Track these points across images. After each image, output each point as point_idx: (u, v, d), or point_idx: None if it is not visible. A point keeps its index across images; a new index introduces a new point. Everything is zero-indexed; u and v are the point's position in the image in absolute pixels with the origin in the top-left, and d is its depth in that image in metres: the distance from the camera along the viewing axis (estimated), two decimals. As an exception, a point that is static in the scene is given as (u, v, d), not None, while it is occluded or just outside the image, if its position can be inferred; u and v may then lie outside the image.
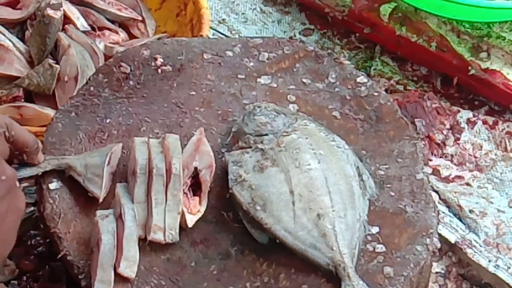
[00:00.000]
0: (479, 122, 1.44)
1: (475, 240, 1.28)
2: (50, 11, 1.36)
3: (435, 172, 1.37)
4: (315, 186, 1.01)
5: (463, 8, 1.45)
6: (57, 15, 1.36)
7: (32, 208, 1.18)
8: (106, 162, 1.05)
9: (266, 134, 1.06)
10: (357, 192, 1.02)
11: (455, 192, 1.34)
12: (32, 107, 1.35)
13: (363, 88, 1.17)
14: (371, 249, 1.01)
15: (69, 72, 1.36)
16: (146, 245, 1.01)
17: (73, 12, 1.43)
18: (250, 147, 1.05)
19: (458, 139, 1.42)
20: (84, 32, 1.42)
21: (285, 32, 1.62)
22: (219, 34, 1.60)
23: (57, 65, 1.36)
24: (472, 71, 1.48)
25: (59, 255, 1.02)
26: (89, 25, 1.45)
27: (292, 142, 1.05)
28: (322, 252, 0.98)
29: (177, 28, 1.50)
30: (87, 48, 1.39)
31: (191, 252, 1.01)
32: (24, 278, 1.13)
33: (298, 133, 1.06)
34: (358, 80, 1.18)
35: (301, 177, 1.01)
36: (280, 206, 1.00)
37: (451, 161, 1.39)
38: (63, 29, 1.41)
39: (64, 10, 1.39)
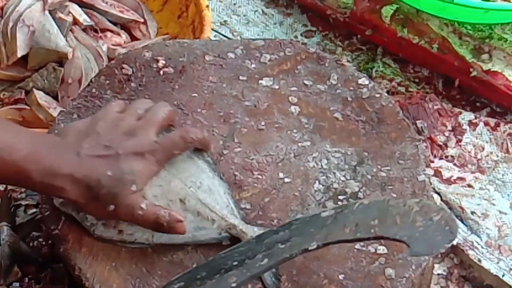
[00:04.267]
0: (481, 124, 1.44)
1: (477, 242, 1.28)
2: (61, 14, 1.37)
3: (437, 173, 1.37)
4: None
5: (465, 10, 1.45)
6: (68, 18, 1.38)
7: (34, 210, 1.18)
8: None
9: None
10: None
11: (457, 194, 1.34)
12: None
13: (364, 89, 1.17)
14: (372, 250, 1.01)
15: (73, 74, 1.36)
16: (148, 247, 1.01)
17: (76, 10, 1.43)
18: None
19: (460, 140, 1.42)
20: (86, 27, 1.43)
21: (286, 33, 1.62)
22: (221, 36, 1.61)
23: (61, 68, 1.36)
24: (474, 73, 1.48)
25: (61, 257, 1.02)
26: (91, 26, 1.45)
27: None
28: (208, 228, 0.99)
29: (179, 29, 1.50)
30: (92, 51, 1.40)
31: (193, 254, 1.01)
32: (26, 280, 1.13)
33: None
34: (359, 81, 1.18)
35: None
36: None
37: (453, 162, 1.39)
38: (70, 30, 1.41)
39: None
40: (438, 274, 1.27)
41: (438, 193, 1.34)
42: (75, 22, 1.42)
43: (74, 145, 0.97)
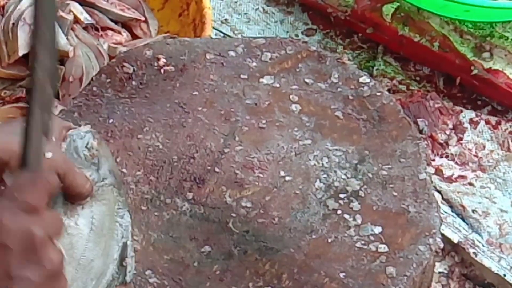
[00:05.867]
0: (482, 122, 1.44)
1: (478, 240, 1.28)
2: (62, 13, 1.37)
3: (438, 172, 1.37)
4: (68, 253, 0.91)
5: (466, 8, 1.45)
6: (69, 16, 1.38)
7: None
8: None
9: None
10: (108, 276, 0.95)
11: (458, 192, 1.34)
12: (35, 108, 1.35)
13: (365, 88, 1.17)
14: (373, 249, 1.01)
15: (74, 72, 1.36)
16: (149, 245, 1.01)
17: (76, 8, 1.43)
18: None
19: (461, 139, 1.42)
20: (87, 26, 1.43)
21: (287, 32, 1.62)
22: (222, 34, 1.61)
23: (61, 66, 1.36)
24: (475, 71, 1.48)
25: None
26: (92, 25, 1.45)
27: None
28: None
29: (180, 28, 1.50)
30: (93, 49, 1.40)
31: (194, 252, 1.01)
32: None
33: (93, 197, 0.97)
34: (360, 80, 1.18)
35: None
36: None
37: (454, 161, 1.39)
38: (71, 28, 1.41)
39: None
40: (439, 272, 1.27)
41: (439, 192, 1.34)
42: (76, 20, 1.42)
43: None
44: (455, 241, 1.28)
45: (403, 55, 1.56)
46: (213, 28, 1.45)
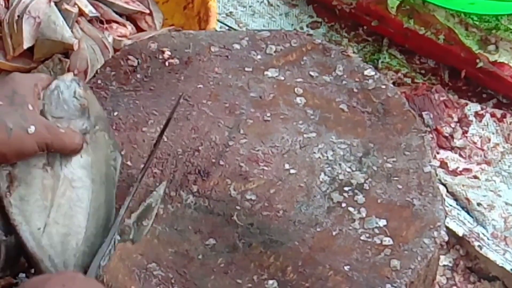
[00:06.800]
0: (487, 115, 1.44)
1: (482, 233, 1.28)
2: (67, 6, 1.37)
3: (443, 165, 1.37)
4: (77, 204, 0.98)
5: (471, 1, 1.45)
6: (74, 9, 1.38)
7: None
8: None
9: None
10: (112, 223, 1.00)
11: (463, 185, 1.34)
12: (40, 100, 1.35)
13: (370, 81, 1.17)
14: (378, 242, 1.01)
15: (79, 65, 1.36)
16: (154, 238, 1.01)
17: (81, 1, 1.44)
18: None
19: (466, 132, 1.41)
20: (92, 19, 1.43)
21: (292, 25, 1.62)
22: (227, 27, 1.60)
23: (66, 59, 1.36)
24: (480, 64, 1.47)
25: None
26: (97, 18, 1.45)
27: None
28: (58, 268, 0.96)
29: (185, 21, 1.50)
30: (97, 42, 1.40)
31: (199, 245, 1.01)
32: (33, 270, 1.14)
33: (89, 145, 1.01)
34: (365, 73, 1.18)
35: (68, 191, 0.98)
36: (34, 208, 0.97)
37: (459, 154, 1.39)
38: (75, 21, 1.41)
39: (73, -1, 1.41)
40: (444, 266, 1.27)
41: (444, 185, 1.34)
42: (81, 13, 1.42)
43: None
44: (460, 234, 1.28)
45: (408, 48, 1.56)
46: (218, 21, 1.45)
